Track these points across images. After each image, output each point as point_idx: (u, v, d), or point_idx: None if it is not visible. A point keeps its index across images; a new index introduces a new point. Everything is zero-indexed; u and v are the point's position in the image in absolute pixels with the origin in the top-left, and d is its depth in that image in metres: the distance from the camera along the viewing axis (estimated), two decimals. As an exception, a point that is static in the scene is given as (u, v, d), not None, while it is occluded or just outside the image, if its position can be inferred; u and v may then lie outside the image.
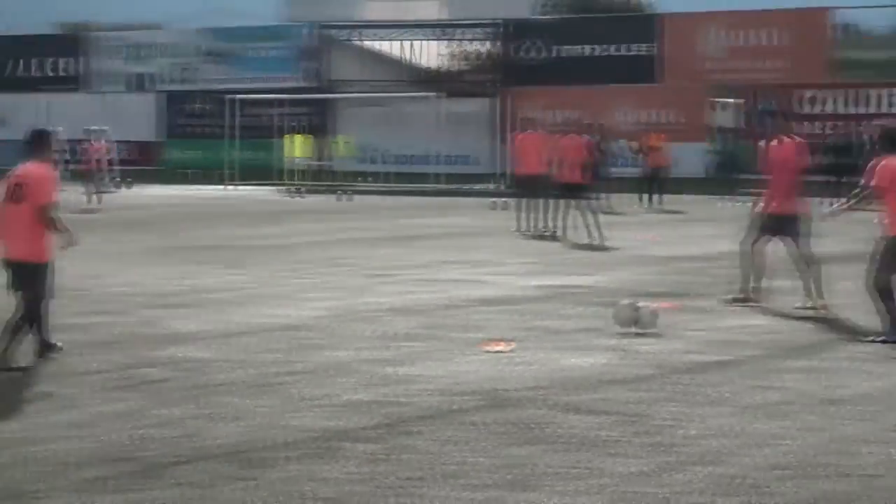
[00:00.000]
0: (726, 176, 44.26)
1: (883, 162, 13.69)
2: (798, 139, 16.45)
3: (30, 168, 11.98)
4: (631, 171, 40.19)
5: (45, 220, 11.74)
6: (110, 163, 43.57)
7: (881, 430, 9.27)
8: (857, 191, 14.45)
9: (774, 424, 9.42)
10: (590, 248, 23.41)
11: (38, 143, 12.28)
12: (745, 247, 16.21)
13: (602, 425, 9.36)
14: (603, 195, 30.79)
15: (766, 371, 11.53)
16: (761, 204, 16.28)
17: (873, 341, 13.03)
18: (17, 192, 11.77)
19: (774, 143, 16.16)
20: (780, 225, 15.86)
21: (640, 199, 36.86)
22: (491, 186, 45.03)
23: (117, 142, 49.47)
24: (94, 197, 36.49)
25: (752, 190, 19.01)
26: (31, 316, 11.81)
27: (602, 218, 25.53)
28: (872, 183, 13.71)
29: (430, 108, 50.84)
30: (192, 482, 7.93)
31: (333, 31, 58.10)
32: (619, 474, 8.08)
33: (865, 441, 8.92)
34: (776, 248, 16.39)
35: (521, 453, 8.58)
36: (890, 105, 49.08)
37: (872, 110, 48.98)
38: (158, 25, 70.65)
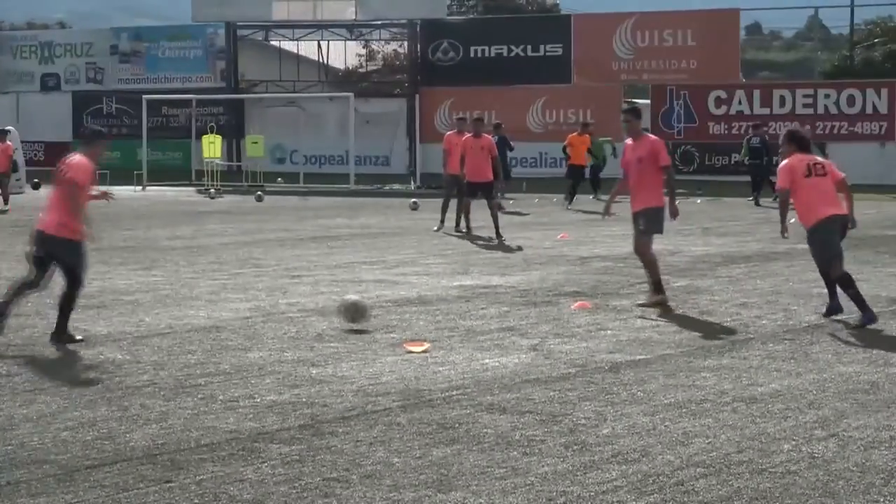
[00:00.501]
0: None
1: (783, 163, 14.81)
2: (655, 137, 16.48)
3: (76, 158, 13.40)
4: (540, 172, 40.39)
5: (72, 202, 13.13)
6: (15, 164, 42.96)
7: (795, 427, 9.39)
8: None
9: (691, 423, 9.52)
10: (507, 248, 23.48)
11: (89, 139, 13.94)
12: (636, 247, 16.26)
13: (522, 425, 9.41)
14: (503, 194, 31.35)
15: (681, 370, 11.64)
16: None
17: (856, 326, 13.98)
18: (62, 178, 13.34)
19: (630, 141, 16.19)
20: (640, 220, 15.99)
21: (566, 198, 36.96)
22: (396, 186, 45.13)
23: (28, 142, 48.85)
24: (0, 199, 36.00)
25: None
26: (74, 287, 13.16)
27: (516, 219, 25.64)
28: (778, 187, 14.87)
29: (344, 108, 50.77)
30: (109, 485, 7.88)
31: (246, 31, 57.85)
32: (539, 474, 8.13)
33: (781, 438, 9.03)
34: (691, 248, 16.49)
35: (442, 453, 8.61)
36: (798, 105, 49.65)
37: (781, 111, 49.56)
38: (65, 24, 69.96)
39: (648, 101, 52.27)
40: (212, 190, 44.10)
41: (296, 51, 59.41)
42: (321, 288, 17.45)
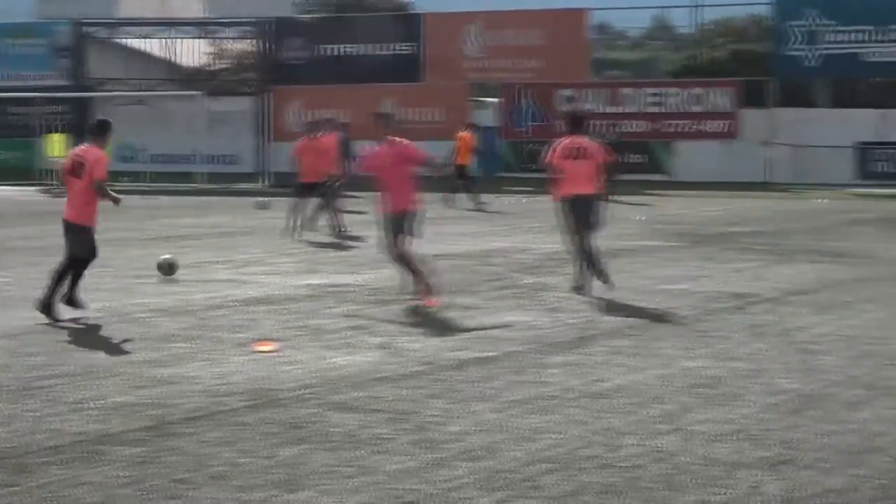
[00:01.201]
0: (488, 175, 44.91)
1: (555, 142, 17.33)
2: (404, 140, 16.59)
3: (88, 149, 14.89)
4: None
5: (99, 192, 14.72)
6: None
7: (641, 421, 9.51)
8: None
9: (538, 419, 9.60)
10: (356, 246, 23.46)
11: (97, 131, 15.16)
12: (391, 251, 16.38)
13: (371, 423, 9.41)
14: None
15: (528, 366, 11.73)
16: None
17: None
18: (77, 169, 14.74)
19: (382, 144, 16.35)
20: (396, 223, 16.15)
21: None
22: (245, 185, 44.88)
23: None
24: None
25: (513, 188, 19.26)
26: (71, 266, 14.69)
27: (357, 217, 25.65)
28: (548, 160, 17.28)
29: (192, 106, 50.31)
30: (-49, 491, 7.74)
31: (92, 29, 57.00)
32: (387, 472, 8.14)
33: (626, 433, 9.14)
34: (540, 245, 16.64)
35: (291, 453, 8.58)
36: (645, 104, 50.31)
37: (628, 109, 50.18)
38: None
39: (498, 100, 52.67)
40: (54, 189, 43.36)
41: (144, 49, 58.70)
42: (168, 288, 17.27)
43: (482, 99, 54.11)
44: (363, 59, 53.48)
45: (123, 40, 58.87)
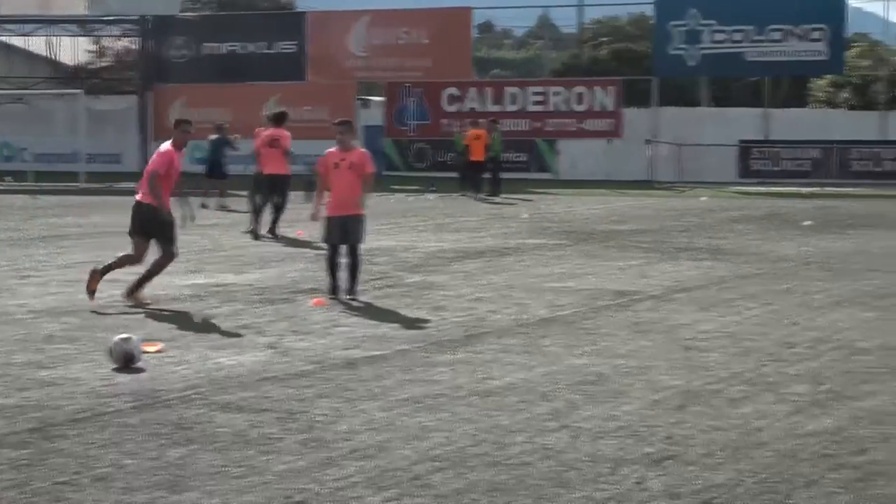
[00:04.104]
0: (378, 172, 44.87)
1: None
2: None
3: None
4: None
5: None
6: None
7: (529, 419, 9.56)
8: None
9: (427, 417, 9.61)
10: (242, 245, 23.32)
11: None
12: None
13: (259, 423, 9.36)
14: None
15: (417, 365, 11.74)
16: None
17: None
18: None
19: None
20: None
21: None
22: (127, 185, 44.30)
23: None
24: None
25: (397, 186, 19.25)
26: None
27: (236, 216, 25.48)
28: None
29: (74, 105, 49.72)
30: None
31: (-31, 25, 56.17)
32: (276, 472, 8.10)
33: (514, 431, 9.18)
34: (424, 244, 16.63)
35: (177, 454, 8.51)
36: (528, 103, 50.58)
37: (512, 108, 50.43)
38: None
39: (383, 99, 52.66)
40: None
41: (26, 46, 57.90)
42: (51, 289, 17.06)
43: (368, 98, 54.09)
44: (247, 57, 53.25)
45: (4, 38, 58.01)
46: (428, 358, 12.11)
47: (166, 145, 15.95)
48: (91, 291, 15.67)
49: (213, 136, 34.98)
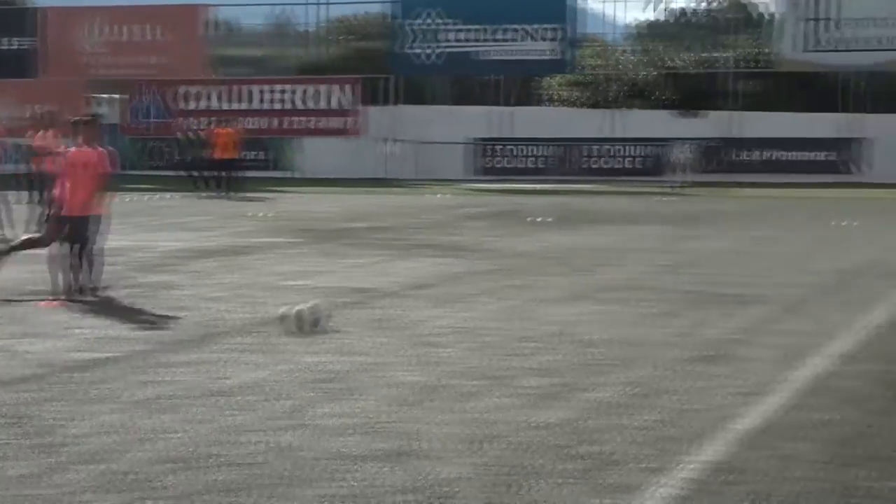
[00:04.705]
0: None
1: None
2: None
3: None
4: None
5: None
6: None
7: (263, 418, 9.52)
8: None
9: (161, 418, 9.49)
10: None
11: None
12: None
13: (-15, 429, 9.12)
14: None
15: (152, 366, 11.58)
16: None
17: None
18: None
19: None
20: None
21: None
22: None
23: None
24: None
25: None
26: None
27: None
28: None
29: None
30: None
31: None
32: (5, 478, 7.89)
33: (249, 430, 9.14)
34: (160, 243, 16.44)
35: None
36: (267, 101, 50.42)
37: (251, 106, 50.21)
38: None
39: (119, 97, 51.83)
40: None
41: None
42: None
43: (103, 95, 53.14)
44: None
45: None
46: (163, 359, 11.96)
47: None
48: None
49: None
